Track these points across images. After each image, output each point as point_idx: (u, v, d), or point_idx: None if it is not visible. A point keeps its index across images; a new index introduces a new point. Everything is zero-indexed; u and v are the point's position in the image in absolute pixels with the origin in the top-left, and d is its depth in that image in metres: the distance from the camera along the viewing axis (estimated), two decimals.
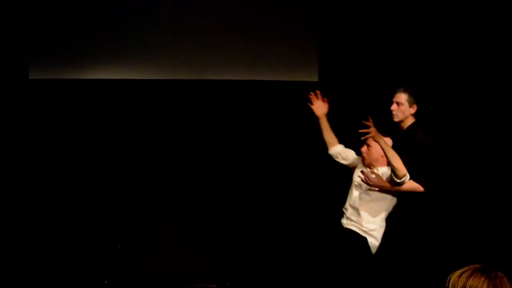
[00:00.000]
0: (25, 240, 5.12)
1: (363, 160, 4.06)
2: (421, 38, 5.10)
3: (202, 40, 5.25)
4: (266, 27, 5.27)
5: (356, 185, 4.02)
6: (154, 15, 5.24)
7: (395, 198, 3.98)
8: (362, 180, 3.86)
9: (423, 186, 3.93)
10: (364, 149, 4.01)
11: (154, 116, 5.32)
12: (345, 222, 4.01)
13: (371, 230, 3.90)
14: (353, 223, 3.94)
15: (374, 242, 3.91)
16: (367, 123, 3.87)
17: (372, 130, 3.84)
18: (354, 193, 4.01)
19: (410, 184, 3.91)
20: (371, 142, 3.94)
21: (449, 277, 1.85)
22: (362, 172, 3.87)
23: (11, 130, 5.19)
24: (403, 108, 4.09)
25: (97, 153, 5.28)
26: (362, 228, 3.91)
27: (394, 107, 4.10)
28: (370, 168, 3.99)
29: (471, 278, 1.81)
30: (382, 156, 3.91)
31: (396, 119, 4.13)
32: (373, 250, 3.93)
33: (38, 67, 5.22)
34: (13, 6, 5.14)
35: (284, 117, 5.28)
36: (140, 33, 5.24)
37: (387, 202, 3.95)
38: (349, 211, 3.99)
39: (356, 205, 3.96)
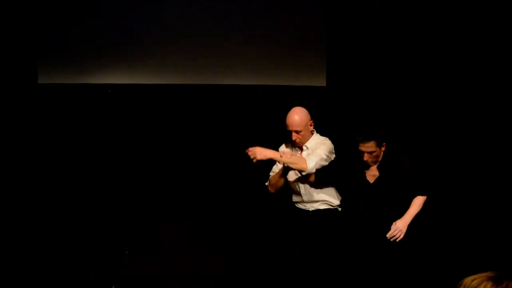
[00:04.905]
0: (34, 244, 5.14)
1: (294, 145, 4.23)
2: (428, 44, 5.12)
3: (210, 46, 5.27)
4: (274, 32, 5.28)
5: (299, 177, 4.21)
6: (162, 21, 5.26)
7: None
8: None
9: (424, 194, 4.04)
10: (294, 137, 4.14)
11: (162, 121, 5.33)
12: (307, 205, 4.30)
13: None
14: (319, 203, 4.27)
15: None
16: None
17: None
18: (300, 184, 4.25)
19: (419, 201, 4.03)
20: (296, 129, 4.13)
21: (461, 281, 1.86)
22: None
23: (21, 134, 5.22)
24: (375, 154, 4.00)
25: (106, 157, 5.30)
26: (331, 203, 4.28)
27: (366, 157, 3.99)
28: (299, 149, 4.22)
29: (481, 285, 1.81)
30: (308, 130, 4.17)
31: (372, 165, 4.08)
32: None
33: (47, 72, 5.26)
34: (22, 11, 5.17)
35: None
36: (149, 38, 5.26)
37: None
38: (305, 197, 4.27)
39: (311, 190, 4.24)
